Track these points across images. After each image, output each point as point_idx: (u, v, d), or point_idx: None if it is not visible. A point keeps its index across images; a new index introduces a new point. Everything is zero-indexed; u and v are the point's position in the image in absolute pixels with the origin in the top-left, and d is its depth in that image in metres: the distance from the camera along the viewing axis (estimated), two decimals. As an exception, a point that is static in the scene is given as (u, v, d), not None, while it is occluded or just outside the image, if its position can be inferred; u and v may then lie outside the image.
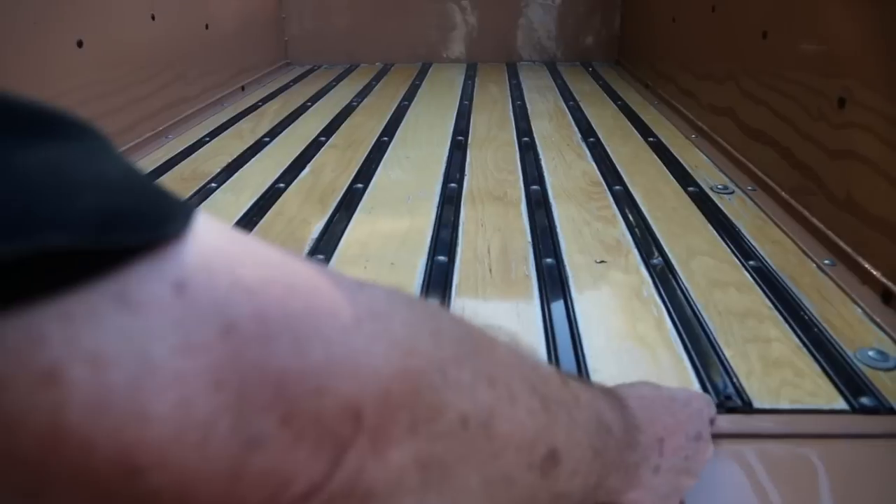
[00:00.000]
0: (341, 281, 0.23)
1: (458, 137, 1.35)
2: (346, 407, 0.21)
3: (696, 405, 0.46)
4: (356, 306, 0.22)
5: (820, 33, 0.91)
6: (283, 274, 0.21)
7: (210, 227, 0.20)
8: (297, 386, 0.20)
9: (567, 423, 0.31)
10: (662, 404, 0.44)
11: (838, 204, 0.83)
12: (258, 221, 0.96)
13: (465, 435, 0.25)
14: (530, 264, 0.80)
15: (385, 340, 0.22)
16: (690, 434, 0.43)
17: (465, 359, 0.26)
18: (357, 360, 0.21)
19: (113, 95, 1.25)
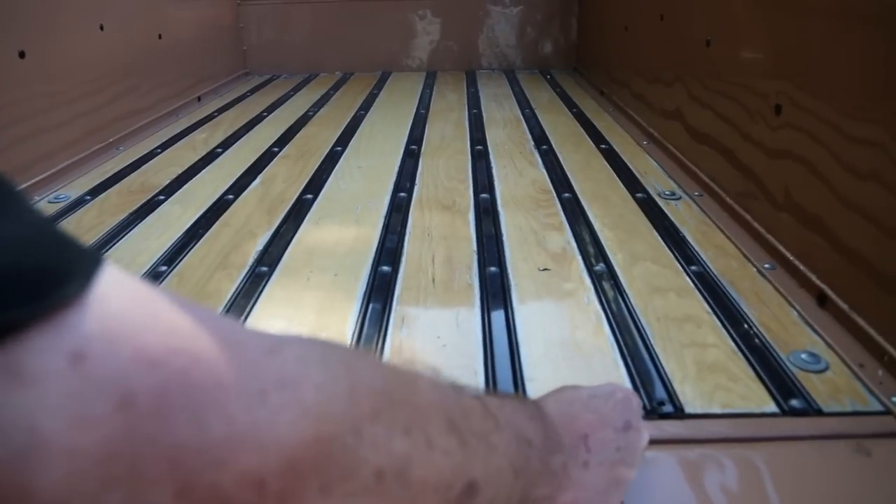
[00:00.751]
0: (252, 346, 0.23)
1: (411, 146, 1.35)
2: (247, 478, 0.21)
3: (619, 396, 0.46)
4: (263, 377, 0.22)
5: (757, 43, 0.93)
6: (189, 343, 0.21)
7: (116, 284, 0.20)
8: (194, 461, 0.20)
9: (485, 454, 0.32)
10: (583, 403, 0.44)
11: (778, 206, 0.84)
12: (204, 234, 0.95)
13: (381, 488, 0.25)
14: (474, 273, 0.80)
15: (292, 410, 0.23)
16: (618, 426, 0.43)
17: (382, 412, 0.26)
18: (259, 433, 0.21)
19: (58, 109, 1.23)
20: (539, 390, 0.58)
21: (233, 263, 0.85)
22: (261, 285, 0.79)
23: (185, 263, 0.86)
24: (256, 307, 0.75)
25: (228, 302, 0.76)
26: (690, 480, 0.50)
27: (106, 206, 1.07)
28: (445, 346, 0.66)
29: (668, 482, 0.50)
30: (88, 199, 1.11)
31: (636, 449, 0.44)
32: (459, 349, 0.65)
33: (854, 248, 0.68)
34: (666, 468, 0.51)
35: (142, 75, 1.56)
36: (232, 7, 2.23)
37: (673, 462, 0.52)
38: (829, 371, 0.62)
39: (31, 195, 1.11)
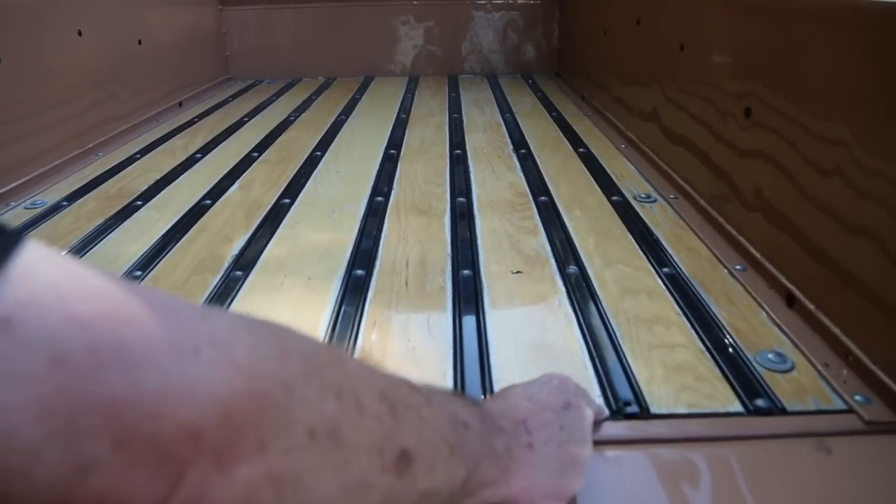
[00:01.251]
0: (185, 312, 0.24)
1: (390, 151, 1.35)
2: (183, 430, 0.22)
3: (554, 382, 0.47)
4: (195, 336, 0.23)
5: (728, 47, 0.94)
6: (121, 307, 0.22)
7: (43, 259, 0.21)
8: (129, 413, 0.21)
9: (417, 424, 0.32)
10: (518, 393, 0.45)
11: (749, 207, 0.85)
12: (180, 238, 0.95)
13: (315, 446, 0.26)
14: (447, 276, 0.81)
15: (226, 365, 0.23)
16: (556, 406, 0.44)
17: (313, 375, 0.27)
18: (194, 386, 0.22)
19: (36, 115, 1.22)
20: (507, 392, 0.59)
21: (208, 268, 0.85)
22: (235, 289, 0.80)
23: (160, 268, 0.86)
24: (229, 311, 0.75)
25: (201, 307, 0.76)
26: (654, 480, 0.51)
27: (83, 212, 1.07)
28: (415, 349, 0.66)
29: (633, 481, 0.51)
30: (65, 205, 1.10)
31: (582, 426, 0.44)
32: (429, 351, 0.65)
33: (821, 247, 0.69)
34: (630, 468, 0.52)
35: (121, 81, 1.55)
36: (214, 12, 2.23)
37: (637, 462, 0.52)
38: (794, 371, 0.62)
39: (7, 201, 1.11)
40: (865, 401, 0.57)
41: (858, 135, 0.63)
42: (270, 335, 0.27)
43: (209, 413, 0.22)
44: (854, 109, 0.64)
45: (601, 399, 0.58)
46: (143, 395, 0.21)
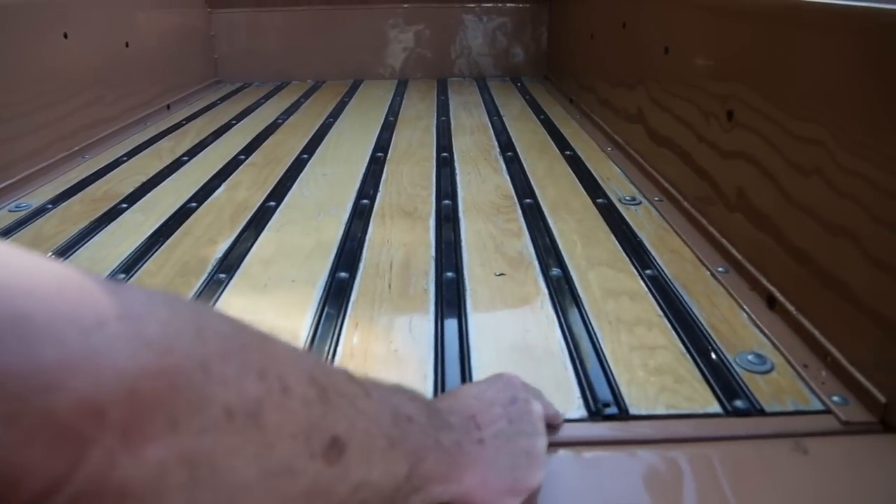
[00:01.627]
0: (93, 285, 0.23)
1: (377, 153, 1.35)
2: (83, 406, 0.21)
3: (503, 380, 0.47)
4: (102, 308, 0.22)
5: (710, 51, 0.95)
6: (23, 277, 0.21)
7: None
8: (21, 385, 0.20)
9: (350, 413, 0.31)
10: (467, 392, 0.45)
11: (731, 209, 0.85)
12: (164, 241, 0.95)
13: (233, 427, 0.25)
14: (430, 279, 0.81)
15: (133, 340, 0.22)
16: (504, 401, 0.44)
17: (233, 354, 0.26)
18: (95, 360, 0.21)
19: (21, 118, 1.22)
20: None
21: (191, 270, 0.85)
22: (218, 291, 0.79)
23: (143, 271, 0.86)
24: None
25: (184, 309, 0.75)
26: (632, 480, 0.51)
27: (68, 215, 1.07)
28: (397, 351, 0.66)
29: (611, 482, 0.51)
30: (50, 208, 1.10)
31: (531, 418, 0.44)
32: (410, 354, 0.65)
33: (801, 248, 0.70)
34: (608, 468, 0.52)
35: (108, 84, 1.55)
36: (203, 15, 2.23)
37: (616, 462, 0.52)
38: (773, 372, 0.63)
39: (-9, 204, 1.10)
40: (843, 401, 0.58)
41: (837, 136, 0.63)
42: (189, 312, 0.26)
43: (112, 388, 0.21)
44: (833, 111, 0.65)
45: (580, 400, 0.58)
46: (38, 366, 0.20)
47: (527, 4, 2.25)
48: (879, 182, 0.57)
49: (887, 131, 0.57)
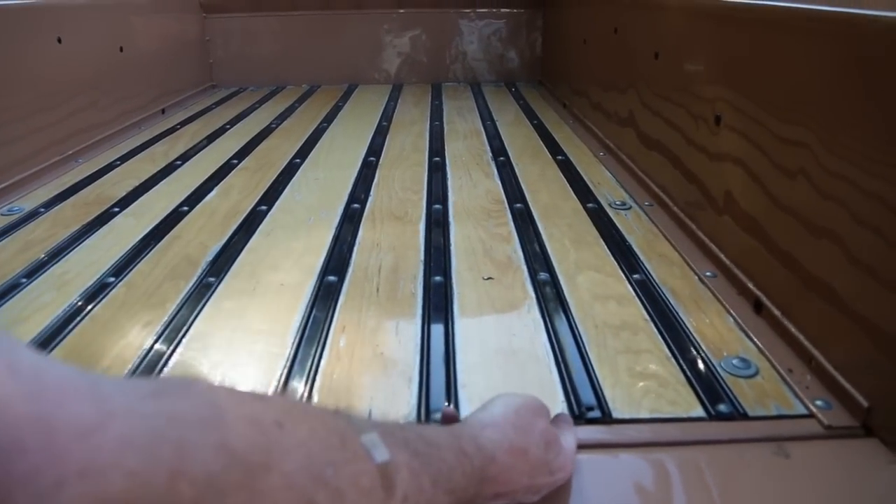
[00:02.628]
0: (66, 426, 0.23)
1: (370, 158, 1.36)
2: None
3: (539, 425, 0.46)
4: (64, 467, 0.22)
5: (698, 56, 0.95)
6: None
7: None
8: None
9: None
10: (528, 457, 0.44)
11: (720, 212, 0.86)
12: (155, 245, 0.95)
13: None
14: (418, 282, 0.81)
15: (91, 501, 0.22)
16: (539, 460, 0.45)
17: (208, 500, 0.25)
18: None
19: (14, 123, 1.22)
20: (471, 396, 0.59)
21: (181, 274, 0.85)
22: (206, 295, 0.79)
23: (133, 274, 0.86)
24: (200, 317, 0.75)
25: (173, 312, 0.76)
26: (613, 484, 0.51)
27: (59, 219, 1.07)
28: (383, 354, 0.66)
29: (592, 485, 0.51)
30: (42, 212, 1.10)
31: (562, 461, 0.47)
32: (396, 357, 0.66)
33: (787, 250, 0.70)
34: (590, 472, 0.52)
35: (103, 88, 1.55)
36: (198, 20, 2.23)
37: (597, 465, 0.52)
38: (758, 376, 0.63)
39: (-17, 207, 1.10)
40: (826, 406, 0.58)
41: (821, 139, 0.64)
42: (170, 450, 0.25)
43: None
44: (817, 115, 0.65)
45: (564, 404, 0.58)
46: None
47: (521, 10, 2.26)
48: (862, 184, 0.58)
49: (870, 135, 0.57)
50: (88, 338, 0.71)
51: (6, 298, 0.80)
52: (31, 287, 0.83)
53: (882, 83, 0.56)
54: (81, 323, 0.74)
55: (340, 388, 0.61)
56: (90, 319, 0.75)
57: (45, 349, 0.69)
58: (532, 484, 0.44)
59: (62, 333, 0.72)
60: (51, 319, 0.75)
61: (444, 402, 0.59)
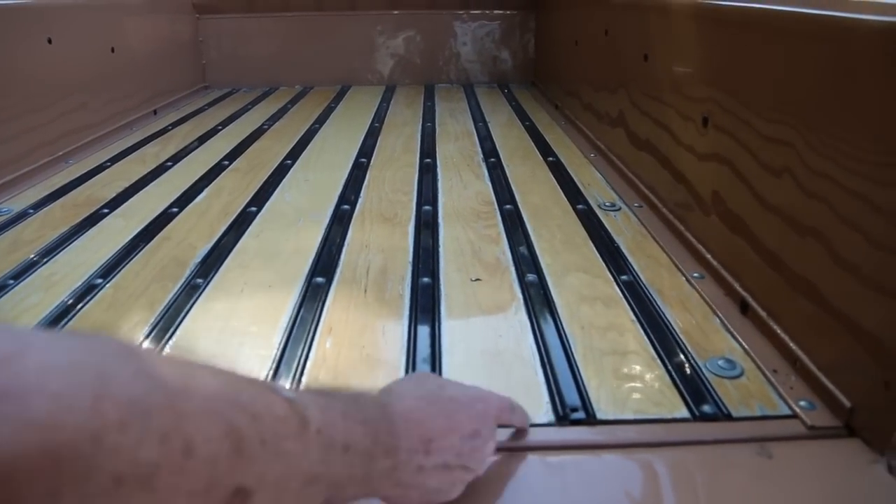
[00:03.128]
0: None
1: (360, 159, 1.36)
2: None
3: (479, 407, 0.47)
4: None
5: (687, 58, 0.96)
6: None
7: None
8: None
9: (268, 459, 0.32)
10: (439, 407, 0.45)
11: (707, 213, 0.86)
12: (143, 246, 0.95)
13: (120, 492, 0.25)
14: (406, 284, 0.81)
15: (14, 421, 0.23)
16: (465, 433, 0.45)
17: (133, 420, 0.26)
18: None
19: (3, 124, 1.22)
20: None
21: (169, 275, 0.85)
22: (194, 296, 0.79)
23: (121, 276, 0.86)
24: (188, 318, 0.75)
25: (161, 313, 0.76)
26: (597, 484, 0.51)
27: (48, 220, 1.07)
28: (369, 356, 0.66)
29: (575, 487, 0.51)
30: (31, 213, 1.10)
31: (479, 457, 0.46)
32: (382, 358, 0.66)
33: (772, 250, 0.70)
34: (573, 473, 0.52)
35: (94, 89, 1.55)
36: (191, 20, 2.23)
37: (580, 467, 0.53)
38: (743, 377, 0.63)
39: (-29, 209, 1.10)
40: (810, 406, 0.58)
41: (806, 138, 0.64)
42: (91, 376, 0.26)
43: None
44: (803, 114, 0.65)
45: (549, 405, 0.59)
46: None
47: (514, 12, 2.26)
48: (847, 184, 0.58)
49: (854, 134, 0.57)
50: (75, 339, 0.71)
51: (-7, 300, 0.80)
52: (18, 288, 0.83)
53: (866, 84, 0.56)
54: (69, 324, 0.74)
55: (326, 390, 0.61)
56: (78, 320, 0.75)
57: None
58: (442, 443, 0.44)
59: (48, 335, 0.72)
60: (38, 320, 0.75)
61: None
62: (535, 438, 0.55)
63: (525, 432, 0.55)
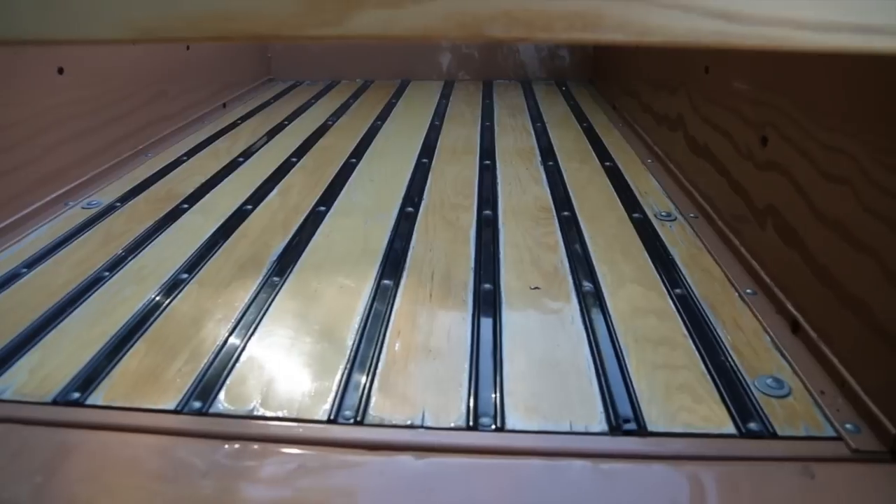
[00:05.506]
0: None
1: (422, 159, 1.41)
2: None
3: None
4: None
5: (748, 71, 0.97)
6: None
7: None
8: None
9: None
10: None
11: (763, 226, 0.88)
12: (223, 244, 1.02)
13: None
14: (469, 290, 0.86)
15: None
16: None
17: None
18: None
19: (92, 115, 1.30)
20: (516, 404, 0.64)
21: (248, 273, 0.92)
22: (273, 294, 0.86)
23: (204, 272, 0.93)
24: (267, 317, 0.81)
25: (242, 310, 0.82)
26: (645, 494, 0.55)
27: (134, 214, 1.15)
28: (435, 359, 0.71)
29: (625, 494, 0.55)
30: (118, 206, 1.18)
31: None
32: (447, 362, 0.71)
33: (825, 265, 0.72)
34: (624, 481, 0.56)
35: (170, 83, 1.63)
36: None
37: (631, 476, 0.57)
38: (790, 397, 0.66)
39: (66, 200, 1.19)
40: (855, 429, 0.61)
41: (870, 150, 0.65)
42: None
43: None
44: (867, 126, 0.66)
45: (602, 415, 0.63)
46: None
47: None
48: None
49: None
50: (168, 330, 0.78)
51: (93, 290, 0.88)
52: (113, 280, 0.91)
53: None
54: (160, 317, 0.81)
55: (396, 391, 0.66)
56: (167, 315, 0.82)
57: (130, 340, 0.76)
58: None
59: (144, 326, 0.79)
60: (133, 312, 0.82)
61: (491, 409, 0.64)
62: (589, 446, 0.59)
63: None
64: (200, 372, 0.70)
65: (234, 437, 0.61)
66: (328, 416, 0.63)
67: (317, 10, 0.36)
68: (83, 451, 0.59)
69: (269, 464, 0.58)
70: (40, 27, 0.42)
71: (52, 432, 0.62)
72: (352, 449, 0.59)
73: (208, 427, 0.62)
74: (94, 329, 0.79)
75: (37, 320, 0.81)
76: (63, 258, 0.98)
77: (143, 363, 0.72)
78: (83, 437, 0.61)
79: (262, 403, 0.65)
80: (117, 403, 0.66)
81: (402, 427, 0.62)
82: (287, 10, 0.37)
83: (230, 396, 0.66)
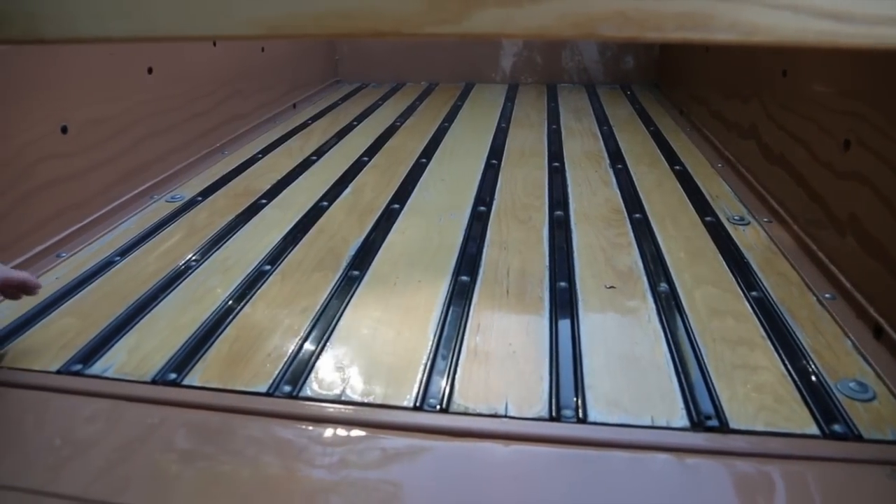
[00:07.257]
0: None
1: (491, 161, 1.43)
2: None
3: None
4: None
5: (829, 77, 0.96)
6: None
7: None
8: None
9: None
10: None
11: (842, 234, 0.87)
12: (301, 238, 1.05)
13: None
14: (545, 287, 0.87)
15: None
16: None
17: None
18: None
19: (176, 111, 1.36)
20: (597, 397, 0.65)
21: (328, 266, 0.95)
22: (353, 287, 0.89)
23: (286, 264, 0.97)
24: (349, 308, 0.84)
25: (324, 301, 0.85)
26: (728, 489, 0.56)
27: (215, 208, 1.20)
28: (515, 353, 0.73)
29: (708, 489, 0.56)
30: (200, 200, 1.23)
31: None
32: (527, 355, 0.72)
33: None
34: (707, 476, 0.57)
35: (245, 83, 1.69)
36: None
37: (714, 471, 0.57)
38: (875, 401, 0.66)
39: (151, 194, 1.25)
40: (943, 434, 0.61)
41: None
42: None
43: None
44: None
45: (683, 411, 0.64)
46: None
47: None
48: None
49: None
50: (255, 318, 0.82)
51: (181, 279, 0.92)
52: (200, 269, 0.95)
53: None
54: (247, 305, 0.85)
55: (479, 385, 0.68)
56: (253, 303, 0.86)
57: (220, 326, 0.80)
58: None
59: (232, 313, 0.83)
60: (221, 300, 0.86)
61: (573, 400, 0.65)
62: (672, 441, 0.60)
63: None
64: (289, 358, 0.73)
65: (325, 420, 0.64)
66: (414, 403, 0.66)
67: (438, 8, 0.38)
68: (182, 428, 0.63)
69: (359, 448, 0.60)
70: (175, 25, 0.45)
71: (152, 409, 0.66)
72: (439, 435, 0.61)
73: (300, 410, 0.65)
74: (186, 315, 0.83)
75: (132, 305, 0.86)
76: (152, 248, 1.03)
77: (234, 348, 0.76)
78: (181, 415, 0.65)
79: (350, 389, 0.68)
80: (212, 384, 0.70)
81: (486, 416, 0.63)
82: (409, 8, 0.39)
83: (318, 382, 0.69)
